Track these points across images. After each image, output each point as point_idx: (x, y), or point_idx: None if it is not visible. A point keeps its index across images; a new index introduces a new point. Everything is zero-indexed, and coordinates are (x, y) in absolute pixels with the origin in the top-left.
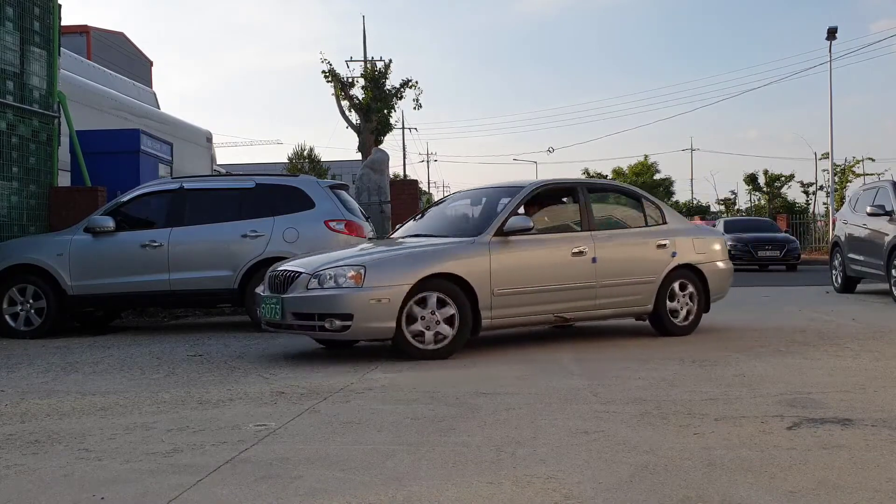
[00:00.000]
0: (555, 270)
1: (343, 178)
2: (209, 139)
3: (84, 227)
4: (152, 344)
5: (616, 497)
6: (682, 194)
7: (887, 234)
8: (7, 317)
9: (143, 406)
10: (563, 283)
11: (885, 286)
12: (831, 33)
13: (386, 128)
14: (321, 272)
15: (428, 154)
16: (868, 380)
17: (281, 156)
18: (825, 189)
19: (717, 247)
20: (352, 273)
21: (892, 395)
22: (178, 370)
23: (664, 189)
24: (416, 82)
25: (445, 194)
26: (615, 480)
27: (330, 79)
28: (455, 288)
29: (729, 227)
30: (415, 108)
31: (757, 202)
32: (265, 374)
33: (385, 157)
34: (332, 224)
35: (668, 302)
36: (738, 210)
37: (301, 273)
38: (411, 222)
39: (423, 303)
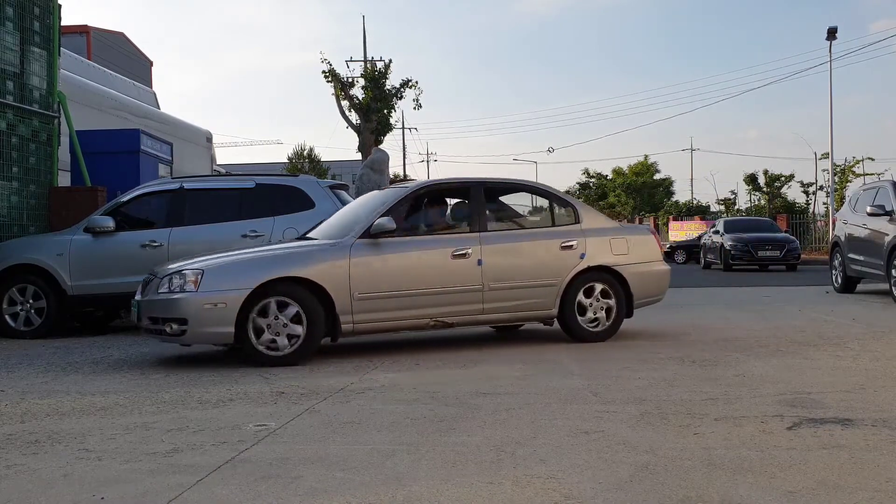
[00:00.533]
0: (430, 273)
1: (343, 178)
2: (209, 139)
3: (84, 227)
4: (152, 344)
5: (616, 497)
6: (682, 194)
7: (887, 234)
8: (7, 317)
9: (143, 406)
10: (441, 286)
11: (885, 286)
12: (831, 33)
13: (386, 128)
14: (168, 276)
15: (428, 154)
16: (868, 380)
17: (281, 156)
18: (825, 189)
19: (645, 247)
20: (192, 277)
21: (892, 395)
22: (178, 370)
23: (664, 189)
24: (416, 82)
25: None
26: (615, 480)
27: (330, 79)
28: (305, 292)
29: (729, 227)
30: (415, 108)
31: (757, 202)
32: (265, 374)
33: (385, 157)
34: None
35: (577, 306)
36: (738, 210)
37: (155, 276)
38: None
39: (269, 308)
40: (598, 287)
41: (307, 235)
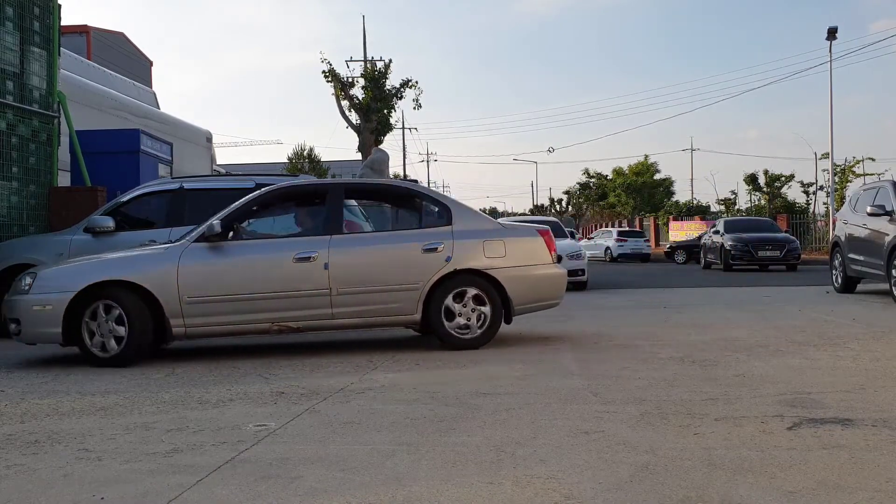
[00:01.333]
0: (271, 277)
1: (343, 178)
2: (209, 139)
3: (84, 227)
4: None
5: (616, 497)
6: (682, 194)
7: (887, 234)
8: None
9: (143, 406)
10: (283, 290)
11: (885, 286)
12: (831, 33)
13: (386, 128)
14: (20, 279)
15: (428, 154)
16: (868, 380)
17: (281, 156)
18: (825, 189)
19: (528, 250)
20: (28, 280)
21: (892, 395)
22: (178, 370)
23: (664, 189)
24: (416, 82)
25: (446, 194)
26: (615, 480)
27: (330, 79)
28: (130, 295)
29: (729, 227)
30: (415, 108)
31: (757, 202)
32: (265, 374)
33: (385, 157)
34: None
35: (444, 311)
36: (739, 210)
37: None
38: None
39: (98, 311)
40: (469, 292)
41: (180, 238)
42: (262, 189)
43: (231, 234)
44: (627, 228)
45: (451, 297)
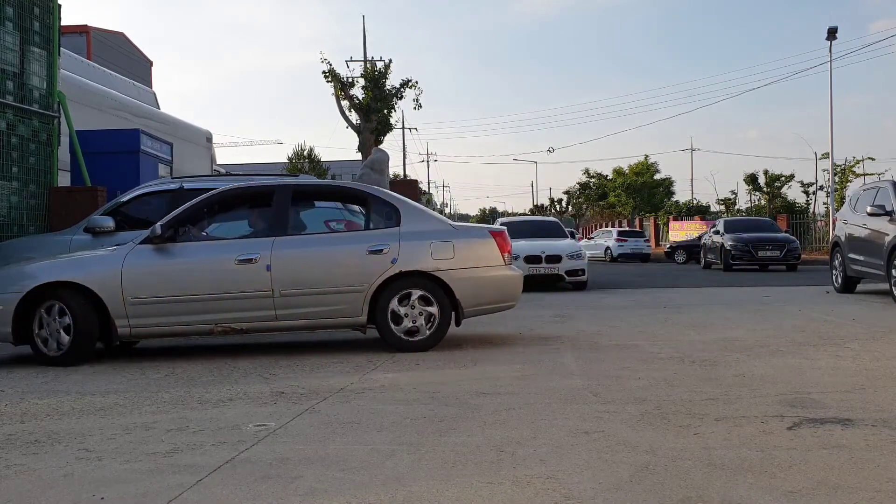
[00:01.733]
0: (213, 278)
1: (343, 178)
2: (209, 139)
3: (84, 227)
4: (152, 343)
5: (616, 497)
6: (682, 194)
7: (887, 234)
8: None
9: (143, 406)
10: (226, 292)
11: (885, 286)
12: (831, 33)
13: (386, 128)
14: None
15: (428, 154)
16: (868, 380)
17: (281, 156)
18: (825, 189)
19: (478, 252)
20: None
21: (892, 395)
22: (178, 370)
23: (664, 189)
24: (416, 82)
25: (446, 194)
26: (615, 480)
27: (330, 79)
28: (75, 296)
29: (729, 227)
30: (415, 108)
31: (757, 202)
32: (265, 374)
33: (385, 157)
34: (331, 224)
35: (391, 313)
36: (739, 210)
37: None
38: None
39: (49, 311)
40: (416, 294)
41: (130, 240)
42: (212, 191)
43: (178, 236)
44: (627, 228)
45: (398, 300)
